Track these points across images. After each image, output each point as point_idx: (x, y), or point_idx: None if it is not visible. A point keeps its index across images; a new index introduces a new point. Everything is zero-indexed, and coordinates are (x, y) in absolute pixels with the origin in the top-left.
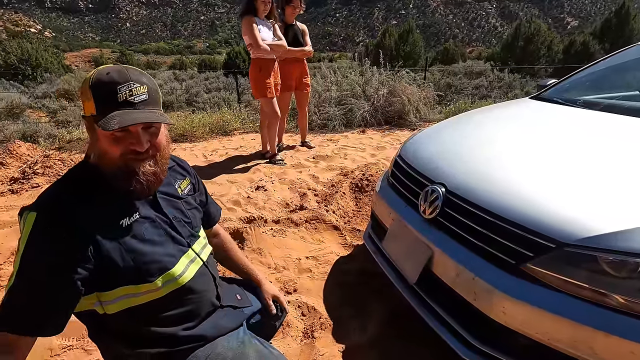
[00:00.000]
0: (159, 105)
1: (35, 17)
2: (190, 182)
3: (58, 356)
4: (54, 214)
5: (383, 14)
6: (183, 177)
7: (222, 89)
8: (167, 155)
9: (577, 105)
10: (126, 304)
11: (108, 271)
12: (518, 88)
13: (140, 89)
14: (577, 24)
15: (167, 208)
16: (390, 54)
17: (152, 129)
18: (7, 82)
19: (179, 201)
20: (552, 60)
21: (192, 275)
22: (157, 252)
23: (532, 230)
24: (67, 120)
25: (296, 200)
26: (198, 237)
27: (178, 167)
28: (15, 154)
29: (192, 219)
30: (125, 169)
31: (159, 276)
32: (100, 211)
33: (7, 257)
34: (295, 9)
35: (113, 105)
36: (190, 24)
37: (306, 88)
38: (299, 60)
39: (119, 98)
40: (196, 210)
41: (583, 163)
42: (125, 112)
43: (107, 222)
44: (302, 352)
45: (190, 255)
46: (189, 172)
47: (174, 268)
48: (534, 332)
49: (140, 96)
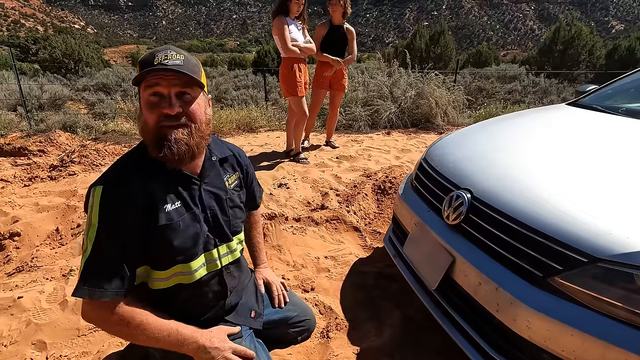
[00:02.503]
0: (196, 75)
1: (79, 14)
2: (238, 178)
3: (85, 336)
4: (117, 187)
5: (414, 15)
6: (233, 172)
7: (250, 87)
8: (206, 131)
9: (618, 113)
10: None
11: (143, 248)
12: (554, 94)
13: (176, 55)
14: (623, 27)
15: (209, 202)
16: (420, 56)
17: (187, 97)
18: (51, 75)
19: (224, 198)
20: (594, 66)
21: (201, 276)
22: (185, 245)
23: (562, 243)
24: (103, 113)
25: (318, 199)
26: (229, 240)
27: (234, 160)
28: (55, 142)
29: (231, 218)
30: (160, 137)
31: (175, 265)
32: (150, 190)
33: (43, 239)
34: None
35: (149, 66)
36: (223, 23)
37: (343, 89)
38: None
39: (155, 61)
40: (239, 210)
41: (621, 174)
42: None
43: (157, 200)
44: (317, 351)
45: (212, 255)
46: (241, 166)
47: (192, 262)
48: (560, 350)
49: (175, 61)
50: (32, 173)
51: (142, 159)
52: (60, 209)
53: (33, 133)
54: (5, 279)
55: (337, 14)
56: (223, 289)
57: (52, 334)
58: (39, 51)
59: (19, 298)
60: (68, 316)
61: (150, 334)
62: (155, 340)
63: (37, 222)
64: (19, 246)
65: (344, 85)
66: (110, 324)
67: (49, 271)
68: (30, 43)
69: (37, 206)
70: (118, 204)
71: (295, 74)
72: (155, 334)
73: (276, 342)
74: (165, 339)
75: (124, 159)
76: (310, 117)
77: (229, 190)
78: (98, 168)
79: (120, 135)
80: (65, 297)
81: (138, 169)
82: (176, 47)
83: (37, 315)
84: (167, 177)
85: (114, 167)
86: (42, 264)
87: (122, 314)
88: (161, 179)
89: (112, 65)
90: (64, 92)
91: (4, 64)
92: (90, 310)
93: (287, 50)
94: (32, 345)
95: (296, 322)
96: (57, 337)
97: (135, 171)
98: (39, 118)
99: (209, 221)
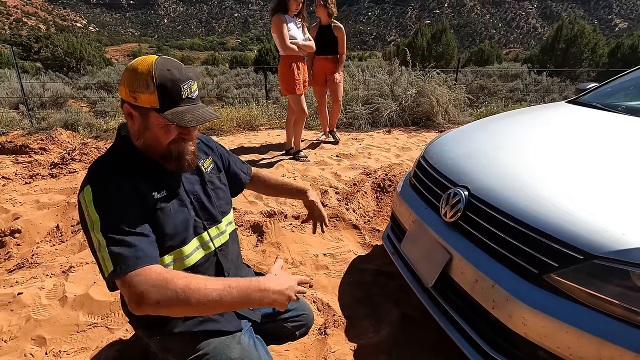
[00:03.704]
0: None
1: (81, 12)
2: (212, 161)
3: (84, 332)
4: (103, 181)
5: (416, 13)
6: (206, 156)
7: (251, 85)
8: (197, 134)
9: (617, 111)
10: None
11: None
12: (556, 92)
13: (194, 85)
14: (627, 25)
15: (191, 188)
16: (422, 54)
17: None
18: (53, 74)
19: (205, 181)
20: (596, 64)
21: (197, 260)
22: (176, 230)
23: (558, 240)
24: (105, 111)
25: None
26: (218, 222)
27: (203, 146)
28: (56, 140)
29: (214, 200)
30: (174, 152)
31: (169, 252)
32: (137, 180)
33: (43, 236)
34: (318, 8)
35: (177, 101)
36: (224, 21)
37: (335, 82)
38: (327, 58)
39: (182, 95)
40: (221, 190)
41: (618, 171)
42: (191, 108)
43: (143, 191)
44: (314, 348)
45: (203, 238)
46: (212, 150)
47: (184, 247)
48: (555, 346)
49: (195, 92)
50: (33, 171)
51: (118, 157)
52: (61, 207)
53: (34, 131)
54: (5, 275)
55: (322, 14)
56: (220, 272)
57: (51, 330)
58: (41, 49)
59: (19, 294)
60: (67, 312)
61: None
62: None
63: (38, 219)
64: (20, 243)
65: (334, 78)
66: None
67: (49, 268)
68: (32, 41)
69: (38, 203)
70: (110, 192)
71: (293, 72)
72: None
73: (274, 337)
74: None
75: (101, 160)
76: (320, 113)
77: (206, 174)
78: None
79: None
80: (65, 294)
81: (118, 164)
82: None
83: (36, 311)
84: (149, 168)
85: (94, 168)
86: (42, 261)
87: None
88: (143, 170)
89: (113, 64)
90: (65, 90)
91: (6, 63)
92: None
93: (286, 48)
94: (32, 341)
95: (294, 316)
96: (56, 333)
97: (116, 167)
98: (40, 116)
99: (194, 205)
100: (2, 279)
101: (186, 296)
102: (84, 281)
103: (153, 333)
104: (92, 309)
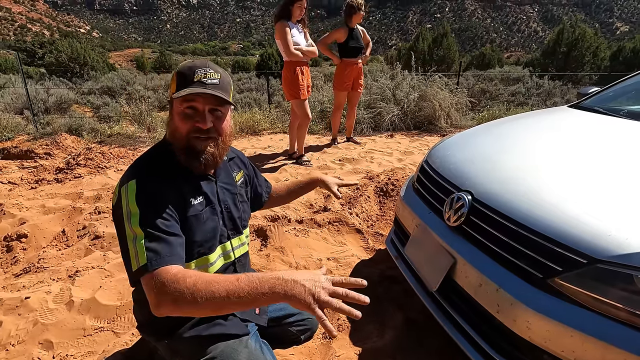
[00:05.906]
0: (229, 94)
1: (84, 18)
2: (244, 175)
3: (90, 336)
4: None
5: (418, 18)
6: (239, 170)
7: (253, 90)
8: (228, 143)
9: (620, 115)
10: None
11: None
12: (558, 96)
13: (214, 74)
14: (628, 29)
15: (224, 197)
16: (423, 58)
17: (218, 113)
18: (57, 79)
19: (235, 193)
20: (598, 68)
21: (217, 269)
22: (206, 237)
23: (562, 244)
24: (108, 116)
25: (320, 201)
26: (240, 233)
27: (238, 160)
28: (61, 145)
29: (241, 212)
30: (190, 147)
31: (197, 258)
32: (178, 184)
33: (49, 241)
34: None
35: (188, 83)
36: (227, 26)
37: (360, 88)
38: (357, 62)
39: (195, 78)
40: (246, 204)
41: (621, 176)
42: (196, 88)
43: (184, 195)
44: (319, 352)
45: (225, 247)
46: (245, 165)
47: (210, 255)
48: (560, 350)
49: (213, 80)
50: (39, 176)
51: (164, 157)
52: (66, 211)
53: (39, 136)
54: (12, 280)
55: (359, 19)
56: None
57: (58, 334)
58: (45, 55)
59: (26, 298)
60: (74, 316)
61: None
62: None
63: (44, 223)
64: (26, 247)
65: (362, 84)
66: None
67: (55, 272)
68: (36, 47)
69: (44, 208)
70: (153, 190)
71: (297, 77)
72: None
73: (279, 341)
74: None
75: (147, 157)
76: (334, 117)
77: (238, 187)
78: (103, 171)
79: (125, 138)
80: (72, 298)
81: (163, 165)
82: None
83: (43, 315)
84: (189, 173)
85: (140, 164)
86: (49, 265)
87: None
88: (184, 174)
89: (117, 69)
90: (69, 95)
91: (11, 68)
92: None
93: (290, 54)
94: (39, 345)
95: (299, 320)
96: (63, 337)
97: (161, 167)
98: (45, 121)
99: (224, 215)
100: (9, 283)
101: (210, 291)
102: (90, 285)
103: (161, 337)
104: (99, 313)
